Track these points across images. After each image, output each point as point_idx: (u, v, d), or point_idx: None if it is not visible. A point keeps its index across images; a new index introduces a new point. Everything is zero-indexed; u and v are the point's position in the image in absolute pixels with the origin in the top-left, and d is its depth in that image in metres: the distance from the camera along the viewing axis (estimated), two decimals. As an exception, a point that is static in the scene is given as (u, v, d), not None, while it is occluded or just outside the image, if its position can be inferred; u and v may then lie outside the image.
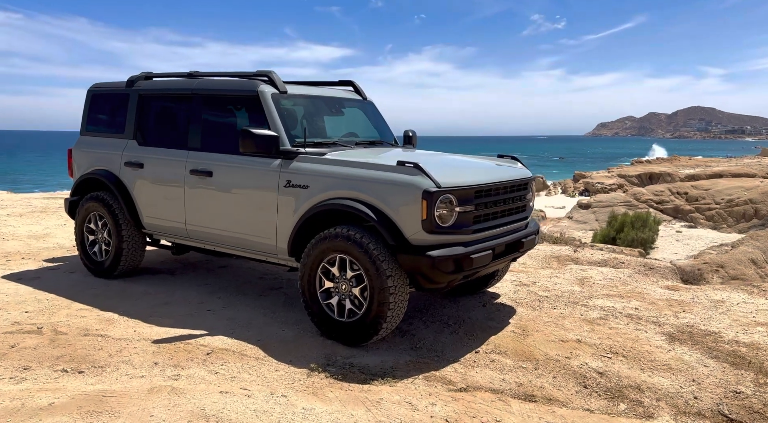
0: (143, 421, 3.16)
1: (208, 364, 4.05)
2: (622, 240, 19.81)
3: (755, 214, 30.50)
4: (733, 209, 31.04)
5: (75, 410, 3.25)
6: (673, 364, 4.28)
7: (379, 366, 4.13)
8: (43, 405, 3.32)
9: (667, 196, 33.59)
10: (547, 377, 4.07)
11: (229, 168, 5.08)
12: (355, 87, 6.03)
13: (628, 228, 21.10)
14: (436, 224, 4.10)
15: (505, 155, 5.46)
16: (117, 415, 3.21)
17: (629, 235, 20.51)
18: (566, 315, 5.25)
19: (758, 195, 31.80)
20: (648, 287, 6.28)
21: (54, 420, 3.14)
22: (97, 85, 6.42)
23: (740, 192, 32.47)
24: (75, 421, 3.13)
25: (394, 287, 4.19)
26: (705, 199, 32.86)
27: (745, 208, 30.72)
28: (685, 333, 4.91)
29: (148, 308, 5.19)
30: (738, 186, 33.66)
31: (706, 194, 33.33)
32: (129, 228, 5.86)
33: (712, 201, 32.87)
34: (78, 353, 4.18)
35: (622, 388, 3.94)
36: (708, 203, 32.89)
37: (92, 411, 3.24)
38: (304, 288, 4.59)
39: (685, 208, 32.32)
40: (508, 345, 4.54)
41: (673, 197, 33.45)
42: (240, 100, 5.19)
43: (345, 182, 4.42)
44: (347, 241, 4.28)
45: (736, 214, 30.63)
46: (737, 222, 30.50)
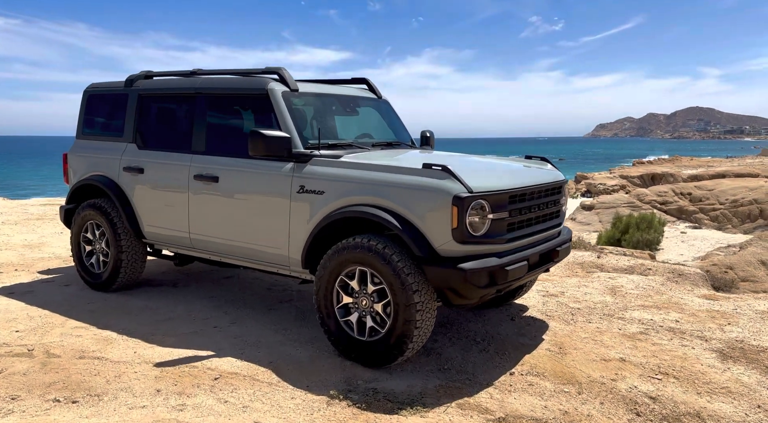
0: (144, 465, 2.75)
1: (216, 392, 3.64)
2: (627, 241, 19.42)
3: (760, 214, 30.12)
4: (737, 210, 30.66)
5: (66, 452, 2.84)
6: (732, 387, 3.86)
7: (406, 392, 3.71)
8: (29, 445, 2.91)
9: (670, 196, 33.22)
10: (594, 403, 3.65)
11: (236, 173, 4.67)
12: (369, 85, 5.63)
13: (633, 229, 20.72)
14: (467, 233, 3.68)
15: (533, 156, 5.06)
16: (114, 457, 2.80)
17: (634, 237, 20.12)
18: (603, 329, 4.83)
19: (763, 195, 31.42)
20: (684, 296, 5.86)
21: (42, 465, 2.73)
22: (93, 85, 6.02)
23: (744, 192, 32.09)
24: (66, 466, 2.72)
25: (420, 303, 3.78)
26: (709, 199, 32.50)
27: (750, 208, 30.35)
28: (736, 349, 4.49)
29: (149, 325, 4.77)
30: (742, 186, 33.29)
31: (710, 194, 32.96)
32: (128, 238, 5.45)
33: (716, 201, 32.49)
34: (72, 379, 3.77)
35: (679, 416, 3.52)
36: (712, 204, 32.50)
37: (86, 453, 2.83)
38: (320, 303, 4.17)
39: (689, 209, 31.96)
40: (545, 365, 4.12)
41: (677, 198, 33.09)
42: (248, 100, 4.78)
43: (365, 187, 4.01)
44: (368, 252, 3.87)
45: (741, 214, 30.25)
46: (742, 222, 30.12)
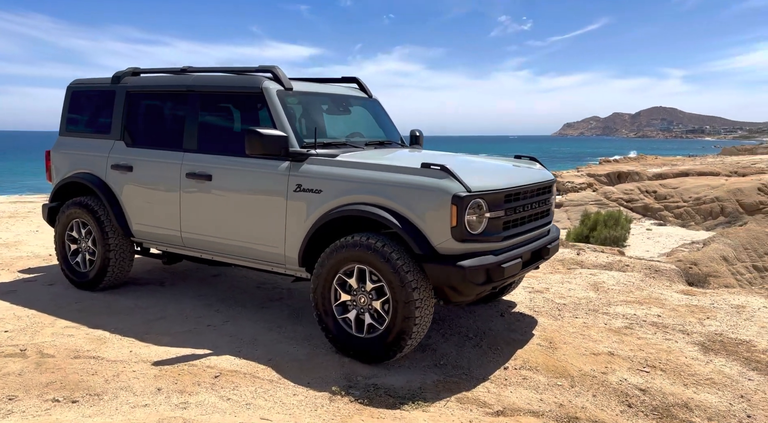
0: (157, 462, 2.77)
1: (217, 389, 3.66)
2: (596, 238, 19.84)
3: (722, 211, 31.04)
4: (700, 207, 31.54)
5: (76, 451, 2.85)
6: (716, 378, 4.02)
7: (405, 387, 3.78)
8: (38, 445, 2.90)
9: (636, 194, 34.01)
10: (587, 396, 3.78)
11: (230, 171, 4.68)
12: (360, 84, 5.67)
13: (601, 226, 21.18)
14: (466, 231, 3.77)
15: (523, 156, 5.17)
16: (126, 455, 2.81)
17: (602, 234, 20.58)
18: (590, 324, 4.97)
19: (724, 193, 32.38)
20: (663, 292, 6.05)
21: (53, 464, 2.73)
22: (77, 81, 5.94)
23: (707, 190, 33.02)
24: (78, 465, 2.72)
25: (419, 300, 3.85)
26: (673, 197, 33.37)
27: (712, 205, 31.25)
28: (716, 342, 4.67)
29: (142, 324, 4.75)
30: (704, 184, 34.23)
31: (675, 192, 33.84)
32: (116, 236, 5.40)
33: (680, 199, 33.37)
34: (69, 379, 3.74)
35: (668, 406, 3.66)
36: (676, 201, 33.37)
37: (97, 451, 2.84)
38: (318, 301, 4.22)
39: (655, 207, 32.77)
40: (537, 360, 4.23)
41: (643, 196, 33.90)
42: (242, 98, 4.78)
43: (364, 186, 4.06)
44: (367, 250, 3.92)
45: (704, 211, 31.13)
46: (705, 219, 31.00)
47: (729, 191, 32.24)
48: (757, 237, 20.46)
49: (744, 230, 21.15)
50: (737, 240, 19.66)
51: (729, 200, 31.65)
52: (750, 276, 18.00)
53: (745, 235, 20.29)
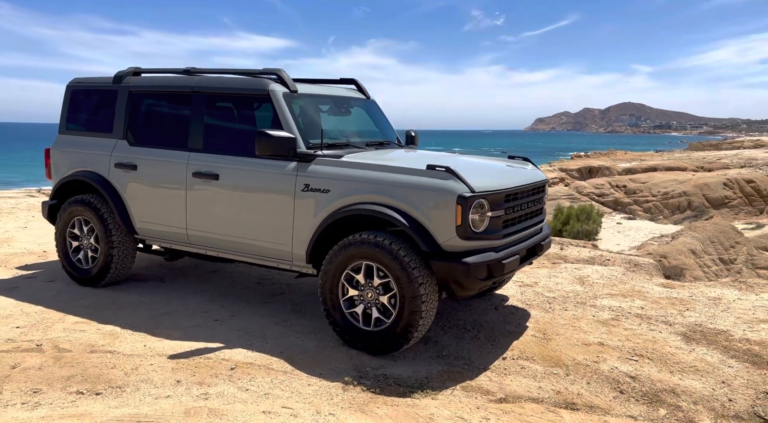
0: (192, 448, 2.94)
1: (235, 381, 3.83)
2: (568, 232, 20.32)
3: (689, 205, 31.96)
4: (668, 201, 32.42)
5: (112, 439, 3.01)
6: (699, 366, 4.32)
7: (413, 377, 4.00)
8: (74, 434, 3.05)
9: (607, 189, 34.80)
10: (581, 383, 4.04)
11: (237, 171, 4.83)
12: (358, 85, 5.85)
13: (574, 220, 21.71)
14: (470, 230, 4.00)
15: (516, 156, 5.41)
16: (161, 443, 2.98)
17: (575, 228, 21.10)
18: (579, 317, 5.25)
19: (691, 187, 33.32)
20: (645, 285, 6.37)
21: (94, 452, 2.88)
22: (77, 80, 6.01)
23: (674, 185, 33.93)
24: (117, 452, 2.88)
25: (425, 295, 4.07)
26: (642, 191, 34.23)
27: (679, 200, 32.16)
28: (696, 332, 4.98)
29: (150, 320, 4.89)
30: (672, 179, 35.17)
31: (644, 187, 34.70)
32: (120, 233, 5.52)
33: (649, 193, 34.23)
34: (89, 372, 3.88)
35: (657, 392, 3.95)
36: (645, 196, 34.22)
37: (133, 439, 3.00)
38: (326, 296, 4.41)
39: (625, 201, 33.60)
40: (533, 350, 4.49)
41: (613, 190, 34.70)
42: (248, 100, 4.93)
43: (371, 187, 4.26)
44: (375, 248, 4.13)
45: (672, 205, 32.01)
46: (672, 213, 31.89)
47: (696, 186, 33.19)
48: (723, 230, 21.12)
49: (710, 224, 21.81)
50: (704, 233, 20.29)
51: (696, 195, 32.59)
52: (716, 268, 18.63)
53: (711, 228, 20.95)
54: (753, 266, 20.75)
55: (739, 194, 32.42)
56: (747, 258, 21.07)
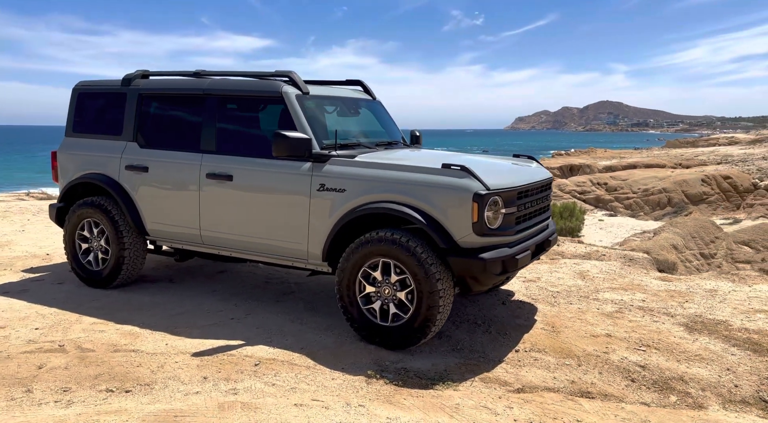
0: (232, 440, 3.03)
1: (260, 376, 3.93)
2: (552, 229, 20.63)
3: (668, 202, 32.54)
4: (649, 198, 32.97)
5: (153, 433, 3.09)
6: (704, 355, 4.50)
7: (432, 370, 4.13)
8: (115, 430, 3.12)
9: (588, 186, 35.27)
10: (594, 373, 4.19)
11: (251, 171, 4.91)
12: (364, 86, 5.96)
13: (557, 217, 22.03)
14: (485, 227, 4.13)
15: (521, 155, 5.56)
16: (202, 436, 3.07)
17: (559, 225, 21.41)
18: (584, 310, 5.42)
19: (671, 184, 33.92)
20: (643, 279, 6.56)
21: (138, 445, 2.96)
22: (83, 83, 6.05)
23: (654, 182, 34.52)
24: (160, 446, 2.97)
25: (443, 290, 4.19)
26: (623, 188, 34.77)
27: (659, 196, 32.72)
28: (698, 323, 5.16)
29: (166, 319, 4.95)
30: (652, 176, 35.77)
31: (624, 184, 35.24)
32: (131, 235, 5.57)
33: (629, 190, 34.77)
34: (116, 371, 3.95)
35: (667, 380, 4.11)
36: (626, 193, 34.76)
37: (173, 433, 3.09)
38: (343, 293, 4.51)
39: (606, 198, 34.07)
40: (544, 343, 4.63)
41: (594, 188, 35.18)
42: (261, 102, 5.03)
43: (387, 185, 4.37)
44: (392, 245, 4.24)
45: (652, 202, 32.56)
46: (653, 210, 32.45)
47: (675, 182, 33.80)
48: (703, 226, 21.56)
49: (691, 219, 22.26)
50: (685, 229, 20.71)
51: (675, 191, 33.19)
52: (698, 263, 19.01)
53: (692, 224, 21.37)
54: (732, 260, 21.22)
55: (717, 190, 33.07)
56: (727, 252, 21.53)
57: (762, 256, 22.74)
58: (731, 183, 33.27)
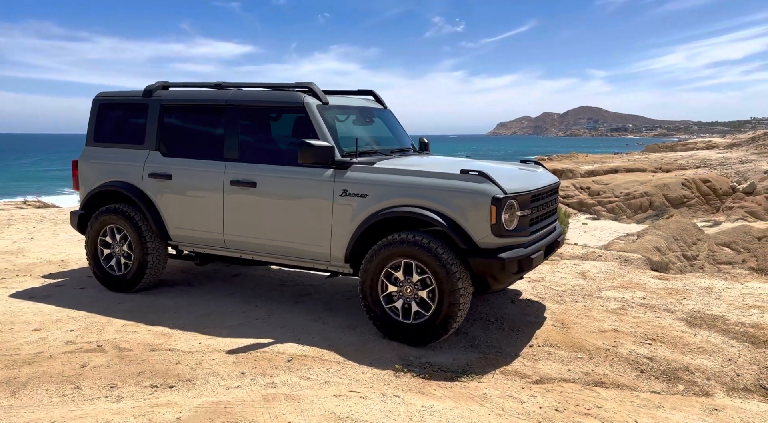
0: (283, 428, 3.26)
1: (294, 371, 4.15)
2: (539, 234, 20.98)
3: (650, 205, 33.21)
4: (631, 202, 33.61)
5: (207, 422, 3.30)
6: (706, 347, 4.80)
7: (454, 364, 4.38)
8: (171, 420, 3.34)
9: (572, 190, 35.82)
10: (605, 365, 4.47)
11: (275, 178, 5.14)
12: (376, 96, 6.22)
13: (543, 222, 22.43)
14: (503, 228, 4.40)
15: (527, 160, 5.85)
16: (254, 424, 3.29)
17: (545, 229, 21.81)
18: (590, 307, 5.71)
19: (652, 188, 34.60)
20: (641, 278, 6.89)
21: (197, 434, 3.18)
22: (104, 94, 6.25)
23: (636, 185, 35.18)
24: (217, 434, 3.19)
25: (463, 289, 4.45)
26: (606, 192, 35.40)
27: (641, 200, 33.38)
28: (697, 318, 5.48)
29: (194, 320, 5.16)
30: (633, 180, 36.46)
31: (607, 188, 35.87)
32: (154, 240, 5.77)
33: (612, 194, 35.40)
34: (157, 368, 4.16)
35: (674, 370, 4.40)
36: (609, 197, 35.39)
37: (227, 422, 3.31)
38: (366, 293, 4.75)
39: (589, 202, 34.64)
40: (555, 338, 4.91)
41: (578, 192, 35.76)
42: (283, 112, 5.27)
43: (409, 190, 4.62)
44: (414, 247, 4.49)
45: (634, 205, 33.20)
46: (635, 213, 33.08)
47: (656, 186, 34.48)
48: (685, 228, 22.12)
49: (673, 222, 22.81)
50: (668, 231, 21.24)
51: (656, 195, 33.87)
52: (681, 264, 19.51)
53: (674, 226, 21.91)
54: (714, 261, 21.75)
55: (697, 193, 33.81)
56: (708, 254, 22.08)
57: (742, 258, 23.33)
58: (710, 186, 34.04)
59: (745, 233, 26.44)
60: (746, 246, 25.47)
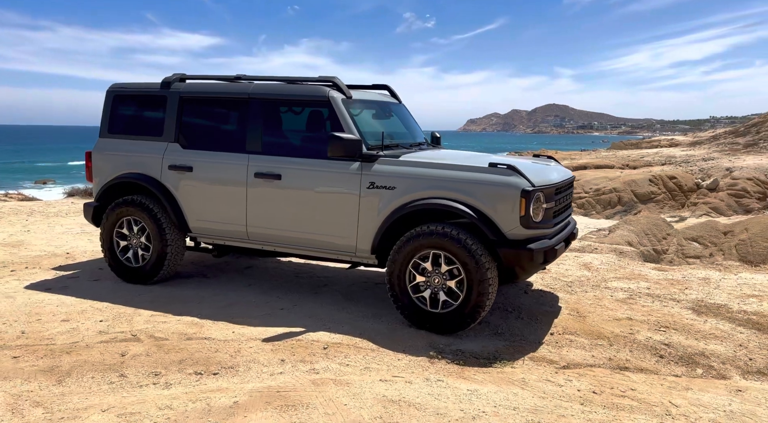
0: (340, 409, 3.37)
1: (332, 358, 4.26)
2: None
3: (619, 201, 33.92)
4: (600, 197, 34.29)
5: (265, 405, 3.41)
6: (717, 333, 5.05)
7: (484, 351, 4.54)
8: (229, 404, 3.43)
9: (542, 187, 36.37)
10: (626, 351, 4.68)
11: (300, 171, 5.22)
12: (391, 91, 6.33)
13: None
14: (531, 220, 4.57)
15: (540, 155, 6.03)
16: (312, 406, 3.40)
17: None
18: (600, 297, 5.93)
19: (620, 184, 35.35)
20: (641, 269, 7.15)
21: (259, 416, 3.28)
22: (118, 85, 6.23)
23: (605, 182, 35.90)
24: (278, 415, 3.29)
25: (491, 278, 4.61)
26: (576, 188, 36.08)
27: (610, 196, 34.07)
28: (702, 307, 5.73)
29: (219, 311, 5.22)
30: (602, 176, 37.18)
31: (576, 184, 36.49)
32: (173, 232, 5.80)
33: (582, 190, 36.09)
34: (197, 356, 4.22)
35: (691, 355, 4.63)
36: (579, 192, 36.08)
37: (283, 405, 3.41)
38: (393, 283, 4.88)
39: (559, 198, 35.22)
40: (574, 326, 5.10)
41: (548, 188, 36.34)
42: (307, 105, 5.36)
43: (437, 183, 4.76)
44: (444, 238, 4.63)
45: (603, 201, 33.88)
46: (604, 208, 33.77)
47: (624, 182, 35.22)
48: (655, 223, 22.73)
49: (644, 217, 23.41)
50: (638, 226, 21.79)
51: (625, 191, 34.61)
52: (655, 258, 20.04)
53: (644, 221, 22.49)
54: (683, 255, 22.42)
55: (664, 190, 34.64)
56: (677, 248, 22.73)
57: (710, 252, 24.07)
58: (676, 183, 34.91)
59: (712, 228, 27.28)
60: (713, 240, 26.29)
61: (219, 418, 3.27)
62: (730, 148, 50.78)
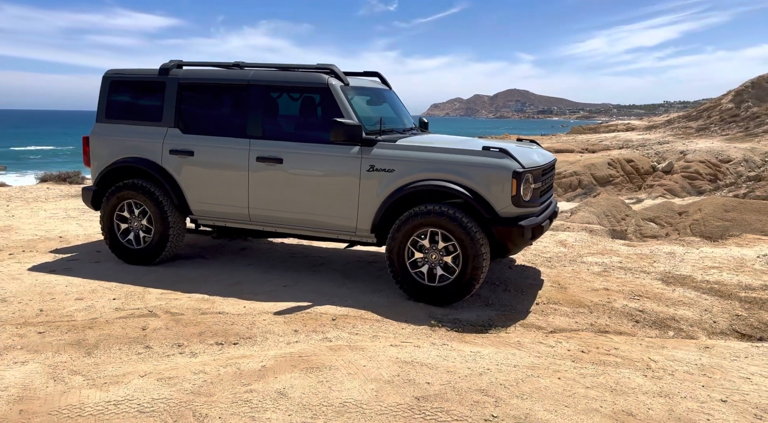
0: (360, 370, 3.72)
1: (341, 328, 4.60)
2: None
3: (579, 184, 35.00)
4: (561, 180, 35.33)
5: (291, 368, 3.73)
6: (684, 300, 5.56)
7: (479, 320, 4.94)
8: (257, 368, 3.74)
9: (506, 170, 37.14)
10: (605, 318, 5.14)
11: (301, 155, 5.51)
12: (381, 77, 6.64)
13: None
14: (521, 199, 4.97)
15: (523, 139, 6.44)
16: (334, 367, 3.74)
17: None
18: (578, 270, 6.40)
19: (580, 168, 36.42)
20: (612, 245, 7.66)
21: (288, 376, 3.60)
22: (114, 71, 6.38)
23: (566, 165, 36.94)
24: (305, 375, 3.62)
25: (485, 254, 5.00)
26: (539, 173, 36.96)
27: (571, 179, 35.11)
28: (669, 278, 6.26)
29: (226, 288, 5.49)
30: (563, 160, 38.22)
31: (538, 169, 37.45)
32: (174, 214, 6.02)
33: (543, 174, 37.14)
34: (214, 329, 4.51)
35: (663, 320, 5.12)
36: (541, 177, 37.11)
37: (308, 367, 3.74)
38: (393, 260, 5.23)
39: (522, 181, 36.05)
40: (557, 297, 5.55)
41: (511, 171, 37.14)
42: (306, 92, 5.63)
43: (434, 165, 5.11)
44: (441, 217, 5.00)
45: (564, 184, 34.91)
46: (566, 191, 34.81)
47: (584, 166, 36.31)
48: (614, 205, 23.59)
49: (603, 199, 24.28)
50: (599, 208, 22.61)
51: (585, 174, 35.69)
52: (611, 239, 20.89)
53: (605, 203, 23.34)
54: (641, 235, 23.33)
55: (621, 173, 35.84)
56: (636, 229, 23.65)
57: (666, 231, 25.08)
58: (633, 166, 36.13)
59: (668, 209, 28.42)
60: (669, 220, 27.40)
61: (251, 379, 3.58)
62: (683, 132, 52.46)
